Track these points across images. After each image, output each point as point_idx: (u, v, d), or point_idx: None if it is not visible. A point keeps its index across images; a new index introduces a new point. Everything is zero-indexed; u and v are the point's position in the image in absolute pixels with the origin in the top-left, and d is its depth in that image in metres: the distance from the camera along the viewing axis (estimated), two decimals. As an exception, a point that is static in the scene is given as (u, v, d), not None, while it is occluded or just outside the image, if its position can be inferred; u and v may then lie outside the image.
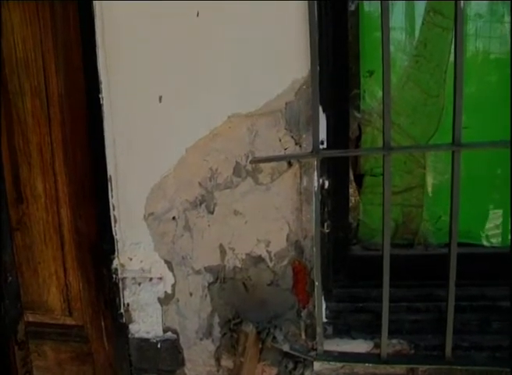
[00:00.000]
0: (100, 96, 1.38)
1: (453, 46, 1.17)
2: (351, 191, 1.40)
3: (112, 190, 1.41)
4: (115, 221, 1.43)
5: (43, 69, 1.44)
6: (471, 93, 1.41)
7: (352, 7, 1.37)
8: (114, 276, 1.47)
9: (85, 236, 1.51)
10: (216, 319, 1.44)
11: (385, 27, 1.15)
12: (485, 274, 1.40)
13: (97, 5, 1.34)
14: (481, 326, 1.37)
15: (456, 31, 1.15)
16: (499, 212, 1.48)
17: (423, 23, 1.38)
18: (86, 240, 1.51)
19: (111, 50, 1.36)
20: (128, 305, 1.48)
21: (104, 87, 1.37)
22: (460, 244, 1.40)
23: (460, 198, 1.25)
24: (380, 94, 1.23)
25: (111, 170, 1.40)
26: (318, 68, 1.22)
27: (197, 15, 1.29)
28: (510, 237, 1.45)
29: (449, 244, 1.24)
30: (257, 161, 1.29)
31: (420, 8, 1.39)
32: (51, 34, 1.41)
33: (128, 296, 1.48)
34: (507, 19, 1.38)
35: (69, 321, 1.58)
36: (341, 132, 1.36)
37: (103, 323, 1.54)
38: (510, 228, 1.45)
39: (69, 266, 1.54)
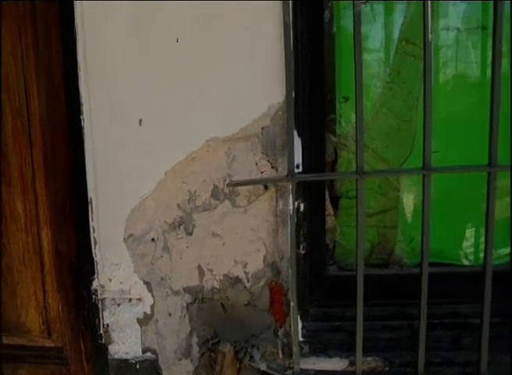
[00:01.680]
0: (81, 118, 1.41)
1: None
2: (327, 213, 1.44)
3: (92, 212, 1.43)
4: (95, 242, 1.44)
5: (24, 91, 1.45)
6: (444, 118, 1.46)
7: (334, 28, 1.42)
8: (93, 297, 1.47)
9: (65, 257, 1.51)
10: (195, 339, 1.46)
11: (357, 55, 1.20)
12: (457, 292, 1.44)
13: (79, 28, 1.36)
14: (453, 342, 1.41)
15: (425, 62, 1.21)
16: (473, 231, 1.54)
17: (396, 52, 1.44)
18: (66, 261, 1.51)
19: (92, 73, 1.38)
20: (107, 325, 1.49)
21: (85, 109, 1.40)
22: (434, 264, 1.47)
23: (433, 218, 1.29)
24: (355, 119, 1.28)
25: (91, 192, 1.42)
26: (294, 94, 1.26)
27: (177, 41, 1.33)
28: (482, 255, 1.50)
29: (420, 265, 1.28)
30: (234, 184, 1.32)
31: (395, 36, 1.45)
32: (33, 56, 1.42)
33: (107, 317, 1.48)
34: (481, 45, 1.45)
35: (47, 343, 1.57)
36: (317, 156, 1.39)
37: (82, 345, 1.54)
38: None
39: (49, 287, 1.53)
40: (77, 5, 1.35)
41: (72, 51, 1.39)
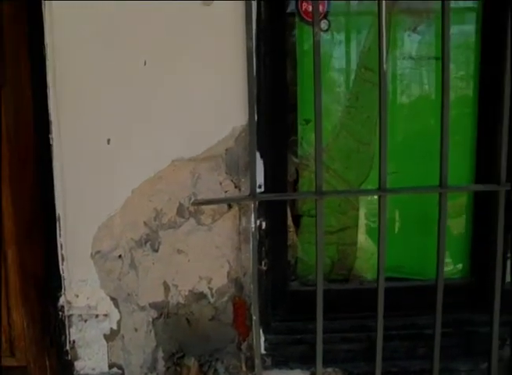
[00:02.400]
0: (50, 136, 1.42)
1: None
2: (289, 230, 1.50)
3: (60, 228, 1.44)
4: (63, 259, 1.46)
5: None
6: (402, 140, 1.57)
7: (296, 53, 1.49)
8: (60, 313, 1.48)
9: (31, 274, 1.52)
10: (160, 354, 1.49)
11: (316, 80, 1.27)
12: (413, 305, 1.52)
13: (48, 48, 1.39)
14: (409, 352, 1.50)
15: (380, 90, 1.28)
16: (427, 248, 1.62)
17: (355, 78, 1.53)
18: (31, 278, 1.52)
19: (61, 93, 1.41)
20: (74, 342, 1.50)
21: (54, 127, 1.42)
22: (393, 279, 1.54)
23: (392, 236, 1.37)
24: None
25: (59, 209, 1.44)
26: (257, 117, 1.31)
27: (145, 64, 1.38)
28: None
29: (377, 280, 1.35)
30: (199, 203, 1.36)
31: (355, 64, 1.54)
32: (1, 73, 1.43)
33: (74, 333, 1.50)
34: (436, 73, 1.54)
35: (11, 362, 1.55)
36: (279, 176, 1.47)
37: (48, 362, 1.54)
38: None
39: (13, 304, 1.53)
40: (47, 26, 1.37)
41: (42, 70, 1.40)
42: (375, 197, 1.50)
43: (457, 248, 1.62)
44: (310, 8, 1.46)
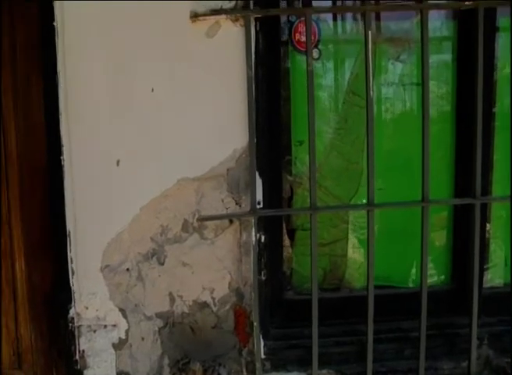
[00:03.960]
0: (61, 158, 1.49)
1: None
2: (285, 243, 1.62)
3: (70, 244, 1.52)
4: (73, 273, 1.53)
5: (2, 129, 1.51)
6: (388, 159, 1.68)
7: (290, 79, 1.60)
8: (70, 324, 1.54)
9: (39, 289, 1.57)
10: (166, 361, 1.57)
11: (310, 106, 1.40)
12: (399, 311, 1.64)
13: (61, 75, 1.45)
14: (396, 353, 1.61)
15: (367, 115, 1.41)
16: (411, 258, 1.74)
17: (344, 102, 1.65)
18: (40, 292, 1.58)
19: (73, 118, 1.47)
20: (83, 351, 1.57)
21: (65, 150, 1.48)
22: (381, 287, 1.65)
23: (381, 247, 1.47)
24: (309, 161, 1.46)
25: (70, 226, 1.51)
26: (255, 140, 1.43)
27: (152, 91, 1.47)
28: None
29: (367, 289, 1.46)
30: (202, 219, 1.47)
31: (343, 89, 1.66)
32: (12, 95, 1.49)
33: (83, 343, 1.56)
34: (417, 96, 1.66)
35: (18, 374, 1.59)
36: (276, 193, 1.58)
37: (55, 373, 1.60)
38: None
39: (22, 318, 1.58)
40: (59, 53, 1.45)
41: (53, 94, 1.46)
42: (364, 211, 1.65)
43: (441, 259, 1.74)
44: (302, 38, 1.59)
